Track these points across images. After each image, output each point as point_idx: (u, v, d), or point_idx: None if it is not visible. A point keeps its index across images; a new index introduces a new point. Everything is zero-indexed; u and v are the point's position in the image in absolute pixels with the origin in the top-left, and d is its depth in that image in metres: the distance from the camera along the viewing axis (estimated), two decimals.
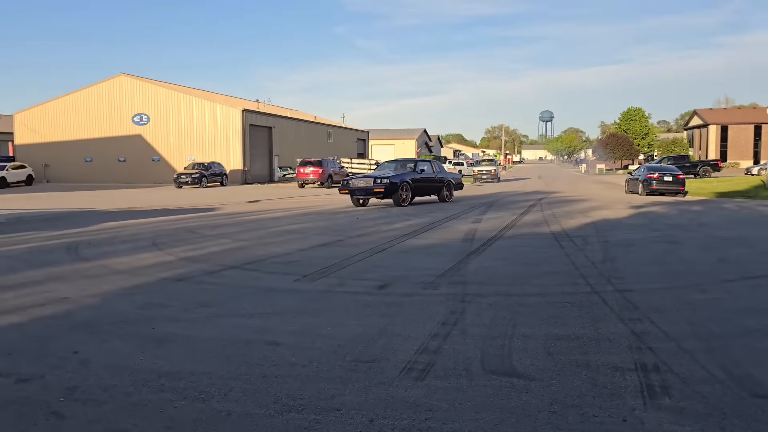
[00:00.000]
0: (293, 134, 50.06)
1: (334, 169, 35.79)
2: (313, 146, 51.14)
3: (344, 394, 3.58)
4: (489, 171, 41.65)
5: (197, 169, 36.31)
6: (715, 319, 5.16)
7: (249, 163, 42.75)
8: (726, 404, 3.41)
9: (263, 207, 19.77)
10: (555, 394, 3.56)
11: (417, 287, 6.67)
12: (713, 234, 11.24)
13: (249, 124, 42.96)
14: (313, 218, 15.41)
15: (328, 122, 61.27)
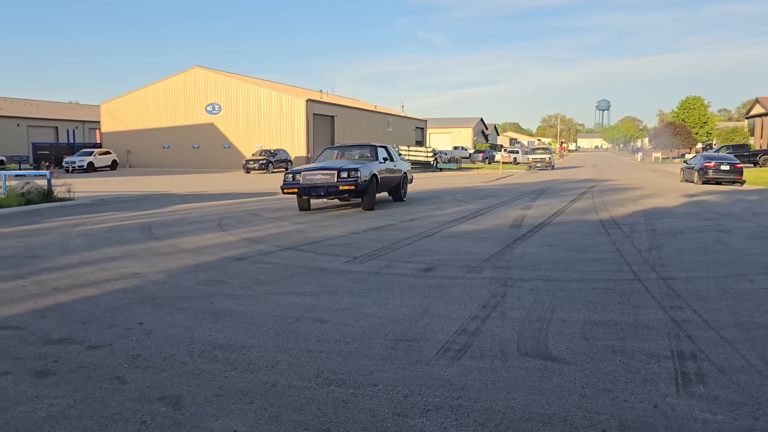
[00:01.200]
0: (354, 123, 51.07)
1: None
2: (374, 134, 51.88)
3: (382, 371, 3.78)
4: (543, 159, 41.38)
5: (264, 155, 38.13)
6: (759, 310, 5.11)
7: (312, 150, 43.97)
8: (762, 394, 3.43)
9: None
10: (587, 378, 3.66)
11: (461, 271, 6.81)
12: (766, 223, 10.89)
13: (312, 113, 44.37)
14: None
15: (387, 111, 61.78)
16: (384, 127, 57.38)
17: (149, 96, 47.76)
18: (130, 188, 22.76)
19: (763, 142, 64.72)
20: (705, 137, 72.86)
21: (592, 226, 10.60)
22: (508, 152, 56.86)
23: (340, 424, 3.09)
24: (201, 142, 46.05)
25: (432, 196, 17.90)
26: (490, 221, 11.39)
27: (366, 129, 52.30)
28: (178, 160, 46.02)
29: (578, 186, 22.45)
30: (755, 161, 43.59)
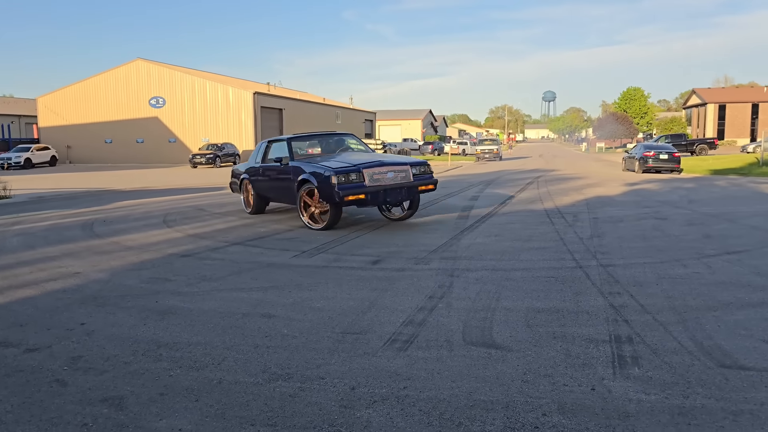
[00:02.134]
0: (303, 116, 50.73)
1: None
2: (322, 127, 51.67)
3: (330, 364, 3.80)
4: (491, 150, 42.08)
5: (211, 149, 37.44)
6: (691, 293, 5.36)
7: None
8: (692, 374, 3.61)
9: None
10: (529, 364, 3.77)
11: (409, 262, 6.88)
12: (701, 210, 11.39)
13: (260, 106, 43.85)
14: None
15: (336, 104, 61.61)
16: (333, 119, 57.22)
17: (89, 89, 46.22)
18: (71, 185, 21.96)
19: (700, 132, 67.54)
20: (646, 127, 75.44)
21: (537, 215, 10.86)
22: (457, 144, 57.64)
23: (287, 419, 3.09)
24: (145, 136, 44.88)
25: None
26: (437, 212, 11.52)
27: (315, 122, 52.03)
28: (121, 156, 44.78)
29: (525, 176, 22.92)
30: (692, 150, 45.42)
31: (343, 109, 61.11)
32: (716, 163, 30.31)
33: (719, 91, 76.90)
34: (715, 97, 69.08)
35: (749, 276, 5.98)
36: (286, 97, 49.77)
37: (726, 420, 3.01)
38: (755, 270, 6.24)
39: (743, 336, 4.24)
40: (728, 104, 67.09)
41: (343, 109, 61.11)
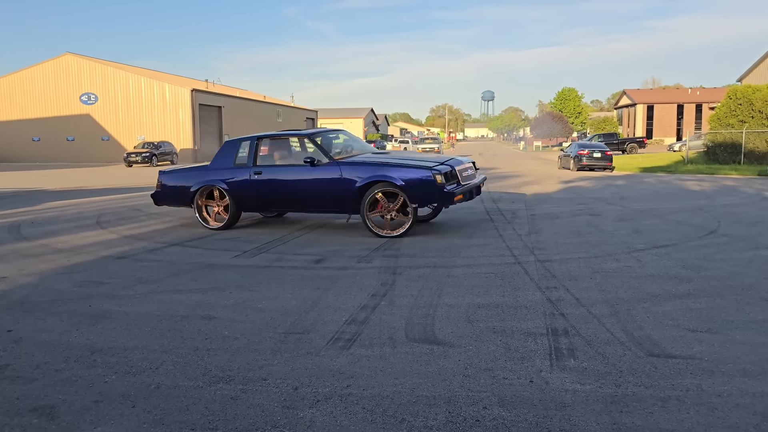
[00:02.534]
0: (243, 113, 49.88)
1: None
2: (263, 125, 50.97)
3: (272, 365, 3.76)
4: (432, 148, 42.76)
5: (147, 148, 36.40)
6: (623, 286, 5.58)
7: (199, 142, 42.52)
8: (624, 363, 3.77)
9: None
10: (470, 359, 3.84)
11: (352, 261, 6.89)
12: (631, 207, 11.88)
13: (198, 103, 42.87)
14: None
15: (277, 102, 60.84)
16: (274, 117, 56.58)
17: (14, 85, 44.01)
18: None
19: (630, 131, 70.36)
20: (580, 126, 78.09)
21: (477, 213, 11.07)
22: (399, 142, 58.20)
23: (229, 422, 3.04)
24: (76, 134, 43.13)
25: None
26: None
27: (255, 120, 51.33)
28: (51, 154, 42.92)
29: None
30: (623, 149, 47.34)
31: (284, 107, 60.51)
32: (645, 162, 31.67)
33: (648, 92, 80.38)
34: (644, 98, 72.13)
35: (676, 269, 6.28)
36: (225, 94, 48.88)
37: (655, 406, 3.16)
38: (681, 263, 6.55)
39: (670, 326, 4.45)
40: (656, 105, 70.20)
41: (284, 107, 60.51)
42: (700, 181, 19.18)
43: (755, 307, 4.91)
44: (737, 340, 4.16)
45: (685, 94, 73.25)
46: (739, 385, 3.42)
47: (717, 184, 17.81)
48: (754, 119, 28.06)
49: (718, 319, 4.62)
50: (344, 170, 8.62)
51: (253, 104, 53.78)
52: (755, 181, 19.73)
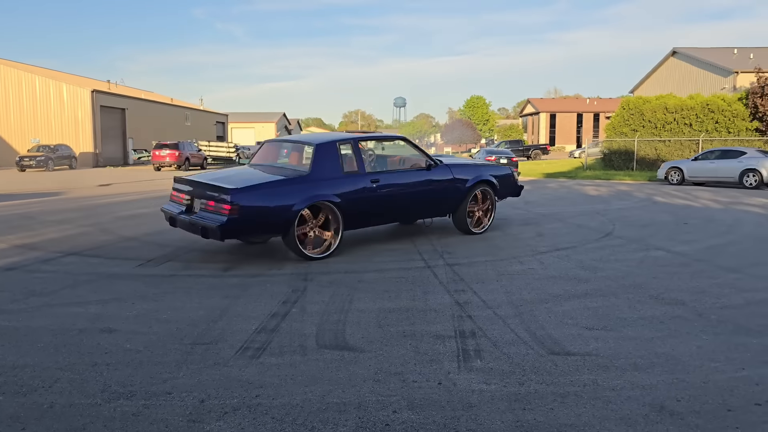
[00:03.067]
0: (148, 116, 47.77)
1: (191, 151, 34.79)
2: (170, 129, 49.12)
3: (177, 378, 3.63)
4: None
5: (43, 151, 34.27)
6: (527, 288, 5.82)
7: (101, 146, 40.35)
8: (527, 362, 3.92)
9: (114, 191, 18.54)
10: (380, 364, 3.87)
11: (262, 268, 6.77)
12: (535, 210, 12.43)
13: (100, 105, 40.71)
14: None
15: (185, 105, 58.78)
16: (182, 121, 54.75)
17: None
18: None
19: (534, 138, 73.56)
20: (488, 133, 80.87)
21: None
22: None
23: None
24: None
25: None
26: None
27: (162, 123, 49.46)
28: None
29: None
30: (528, 155, 49.44)
31: (192, 110, 58.67)
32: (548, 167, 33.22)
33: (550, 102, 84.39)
34: (547, 107, 75.72)
35: (575, 270, 6.62)
36: (129, 96, 46.77)
37: (555, 402, 3.31)
38: (580, 264, 6.91)
39: (570, 324, 4.68)
40: (558, 113, 73.87)
41: (192, 110, 58.67)
42: (597, 186, 20.34)
43: (645, 305, 5.25)
44: (629, 336, 4.44)
45: (584, 104, 77.58)
46: (631, 378, 3.64)
47: (613, 189, 18.96)
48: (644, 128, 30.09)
49: (613, 316, 4.91)
50: (454, 172, 8.64)
51: (160, 107, 51.81)
52: (646, 186, 21.15)
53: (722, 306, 5.24)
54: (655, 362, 3.91)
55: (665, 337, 4.41)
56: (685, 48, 43.35)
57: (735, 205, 14.12)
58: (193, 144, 37.14)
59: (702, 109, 29.06)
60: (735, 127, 28.35)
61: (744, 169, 20.37)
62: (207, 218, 6.77)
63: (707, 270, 6.70)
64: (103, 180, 24.33)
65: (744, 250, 8.02)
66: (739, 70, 35.29)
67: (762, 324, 4.73)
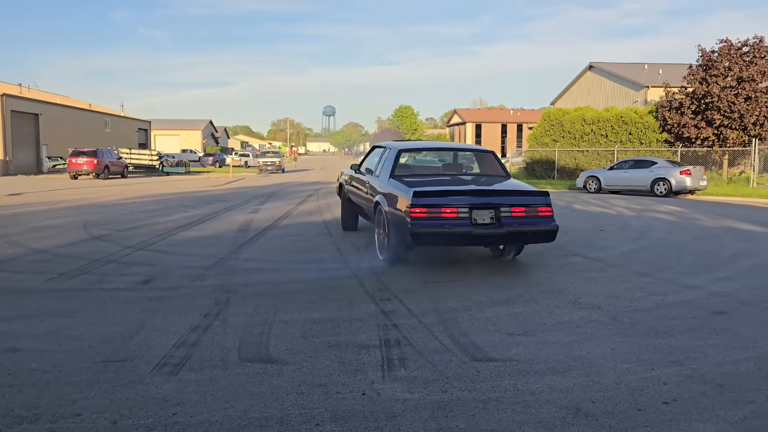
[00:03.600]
0: (65, 122, 45.42)
1: (111, 159, 33.34)
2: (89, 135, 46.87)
3: (88, 398, 3.44)
4: (274, 162, 42.38)
5: None
6: (450, 295, 5.90)
7: (11, 153, 38.03)
8: (450, 369, 3.96)
9: (25, 200, 17.45)
10: (304, 376, 3.81)
11: (184, 280, 6.56)
12: None
13: (10, 109, 38.26)
14: (81, 211, 14.09)
15: (105, 110, 56.29)
16: (101, 127, 52.49)
17: None
18: None
19: None
20: None
21: (317, 227, 11.12)
22: (239, 155, 57.14)
23: None
24: None
25: (156, 202, 16.94)
26: (217, 227, 11.18)
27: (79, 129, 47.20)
28: None
29: (306, 188, 23.34)
30: None
31: (113, 116, 56.37)
32: None
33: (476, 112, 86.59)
34: (472, 117, 77.62)
35: (498, 277, 6.78)
36: (43, 101, 44.40)
37: (477, 409, 3.35)
38: (502, 271, 7.08)
39: (492, 331, 4.78)
40: (483, 124, 75.84)
41: (113, 116, 56.37)
42: None
43: (563, 310, 5.43)
44: (548, 340, 4.57)
45: (508, 115, 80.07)
46: (549, 382, 3.75)
47: None
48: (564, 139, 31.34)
49: (533, 322, 5.05)
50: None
51: (77, 112, 49.47)
52: (566, 194, 22.00)
53: (634, 309, 5.49)
54: (572, 365, 4.04)
55: (582, 341, 4.57)
56: (600, 63, 45.50)
57: (647, 212, 14.90)
58: (113, 151, 35.72)
59: (617, 121, 30.58)
60: (647, 139, 29.99)
61: (655, 178, 21.55)
62: (528, 223, 6.82)
63: (621, 275, 7.02)
64: (13, 189, 22.94)
65: (655, 255, 8.46)
66: (650, 85, 37.34)
67: (669, 325, 4.99)
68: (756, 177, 26.05)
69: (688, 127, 27.94)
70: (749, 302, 5.81)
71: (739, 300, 5.88)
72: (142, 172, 38.27)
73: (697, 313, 5.39)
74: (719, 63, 27.52)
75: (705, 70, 27.78)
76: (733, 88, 27.06)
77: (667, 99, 29.35)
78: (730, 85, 27.18)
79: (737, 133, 27.27)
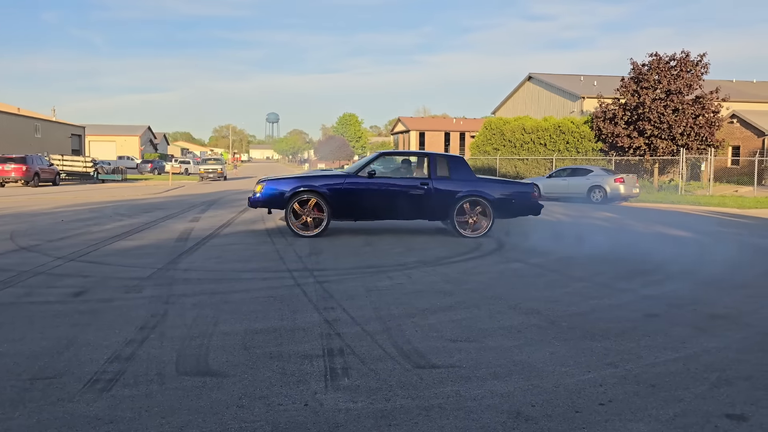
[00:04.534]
0: None
1: (42, 166, 31.93)
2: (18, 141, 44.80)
3: (12, 418, 3.25)
4: (215, 169, 41.65)
5: None
6: (395, 303, 5.90)
7: None
8: (394, 377, 3.95)
9: None
10: (245, 388, 3.73)
11: (118, 291, 6.32)
12: (406, 226, 12.72)
13: None
14: (8, 220, 13.39)
15: (35, 115, 53.88)
16: (31, 133, 50.32)
17: None
18: None
19: None
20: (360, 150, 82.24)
21: (259, 235, 10.94)
22: (179, 162, 55.97)
23: None
24: None
25: (89, 210, 16.31)
26: (155, 236, 10.85)
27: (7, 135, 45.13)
28: None
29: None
30: None
31: (44, 121, 54.11)
32: None
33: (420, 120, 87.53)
34: (416, 125, 78.37)
35: (441, 283, 6.83)
36: None
37: (420, 416, 3.35)
38: (445, 278, 7.15)
39: (435, 337, 4.80)
40: (427, 132, 76.67)
41: (44, 121, 54.11)
42: None
43: (505, 315, 5.52)
44: (490, 346, 4.63)
45: (451, 123, 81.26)
46: (491, 387, 3.79)
47: None
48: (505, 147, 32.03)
49: (475, 328, 5.11)
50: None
51: (5, 117, 47.22)
52: None
53: (572, 313, 5.64)
54: (513, 370, 4.10)
55: (522, 346, 4.65)
56: (539, 74, 46.85)
57: (583, 218, 15.38)
58: (43, 158, 34.27)
59: (555, 131, 31.51)
60: (583, 147, 31.01)
61: (591, 186, 22.30)
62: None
63: (560, 280, 7.20)
64: None
65: (591, 260, 8.72)
66: (585, 96, 38.70)
67: (604, 328, 5.14)
68: (684, 184, 27.35)
69: (621, 137, 29.08)
70: (678, 305, 6.05)
71: (669, 303, 6.12)
72: (75, 180, 36.84)
73: (631, 316, 5.58)
74: (649, 75, 28.82)
75: (636, 83, 29.03)
76: (662, 100, 28.36)
77: (602, 110, 30.47)
78: (659, 97, 28.47)
79: (666, 142, 28.57)
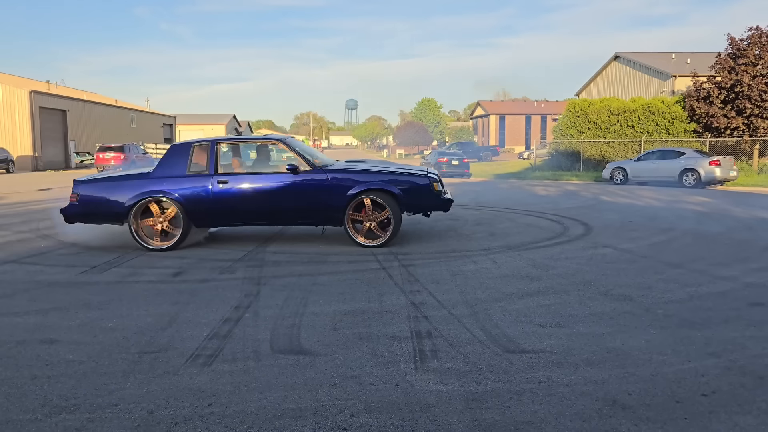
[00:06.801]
0: (91, 118, 46.21)
1: (138, 154, 33.91)
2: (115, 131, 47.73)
3: (125, 388, 3.48)
4: None
5: None
6: (480, 287, 5.85)
7: (40, 149, 38.82)
8: (483, 361, 3.93)
9: (55, 195, 17.75)
10: (337, 368, 3.81)
11: (213, 272, 6.61)
12: (487, 211, 12.58)
13: (39, 106, 39.08)
14: None
15: (130, 106, 57.16)
16: (127, 123, 53.36)
17: None
18: None
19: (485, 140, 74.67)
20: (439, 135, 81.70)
21: None
22: None
23: None
24: None
25: None
26: None
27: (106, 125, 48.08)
28: None
29: None
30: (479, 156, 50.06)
31: (138, 112, 57.22)
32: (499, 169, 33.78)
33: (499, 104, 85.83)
34: (496, 109, 76.93)
35: (527, 268, 6.71)
36: (70, 97, 45.24)
37: (511, 400, 3.32)
38: (532, 263, 7.01)
39: (523, 322, 4.73)
40: (507, 116, 75.12)
41: (138, 112, 57.22)
42: (546, 187, 20.77)
43: (595, 301, 5.36)
44: (581, 332, 4.51)
45: (532, 106, 79.17)
46: (584, 374, 3.69)
47: (561, 189, 19.38)
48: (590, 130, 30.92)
49: (565, 313, 4.99)
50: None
51: (103, 108, 50.29)
52: (592, 185, 21.73)
53: (667, 300, 5.39)
54: (606, 357, 3.98)
55: (615, 332, 4.50)
56: (626, 53, 44.78)
57: (676, 203, 14.64)
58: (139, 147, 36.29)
59: (643, 112, 30.08)
60: (674, 129, 29.45)
61: (683, 169, 21.17)
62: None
63: (652, 266, 6.90)
64: (43, 184, 23.42)
65: (685, 246, 8.30)
66: (677, 74, 36.65)
67: (704, 317, 4.89)
68: None
69: (717, 117, 27.38)
70: None
71: None
72: None
73: (733, 305, 5.28)
74: (749, 51, 26.90)
75: (734, 59, 27.18)
76: (764, 77, 26.43)
77: (696, 88, 28.78)
78: (761, 74, 26.55)
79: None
